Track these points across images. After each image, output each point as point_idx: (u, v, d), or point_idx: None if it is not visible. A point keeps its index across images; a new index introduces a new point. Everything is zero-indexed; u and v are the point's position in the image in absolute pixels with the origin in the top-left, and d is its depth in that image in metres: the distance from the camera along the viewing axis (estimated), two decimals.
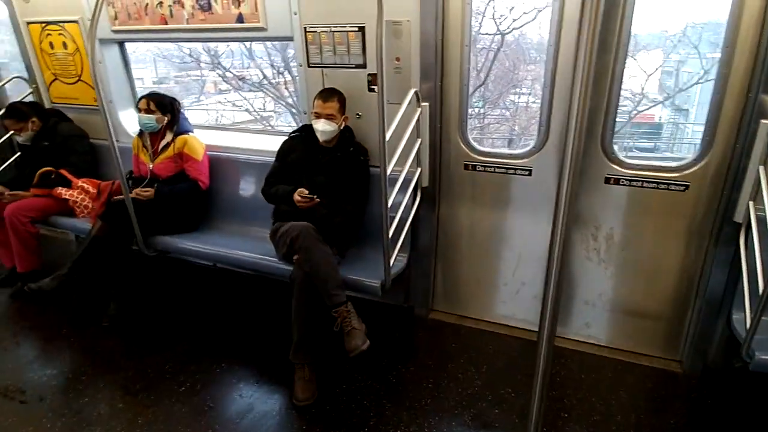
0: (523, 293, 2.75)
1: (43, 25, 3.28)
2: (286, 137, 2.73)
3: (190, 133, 2.95)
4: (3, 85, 3.64)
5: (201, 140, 2.98)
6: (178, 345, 2.65)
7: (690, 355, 2.43)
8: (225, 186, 3.13)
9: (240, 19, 2.71)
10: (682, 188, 2.26)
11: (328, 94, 2.51)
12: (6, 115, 3.15)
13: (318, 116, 2.49)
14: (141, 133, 2.97)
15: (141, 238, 2.74)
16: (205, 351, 2.61)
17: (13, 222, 3.02)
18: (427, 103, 2.45)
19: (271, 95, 9.06)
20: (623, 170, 2.34)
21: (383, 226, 2.14)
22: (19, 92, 3.62)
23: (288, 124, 9.55)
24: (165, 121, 2.88)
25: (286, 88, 8.70)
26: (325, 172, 2.57)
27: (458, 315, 2.94)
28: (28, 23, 3.33)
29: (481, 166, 2.59)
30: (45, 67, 3.46)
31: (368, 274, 2.41)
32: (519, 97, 9.36)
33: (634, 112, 8.02)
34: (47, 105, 3.57)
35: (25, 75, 3.59)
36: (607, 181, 2.37)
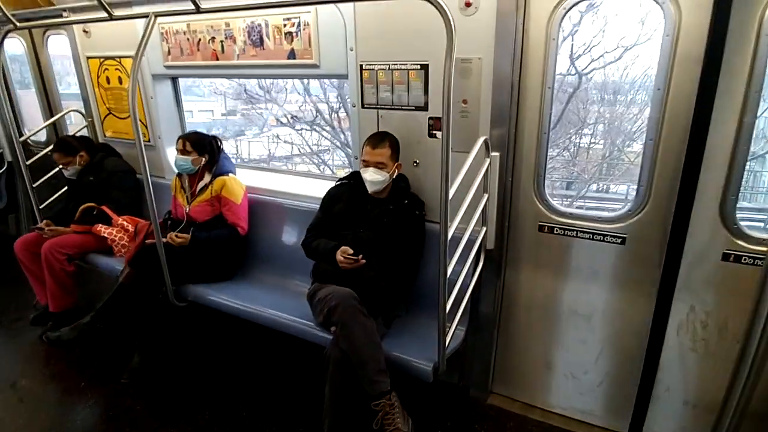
0: (607, 387, 2.23)
1: (102, 59, 3.26)
2: (333, 184, 2.44)
3: (230, 175, 2.73)
4: (59, 117, 3.66)
5: (241, 182, 2.76)
6: (198, 414, 2.33)
7: None
8: (266, 233, 2.87)
9: (292, 55, 2.51)
10: None
11: (378, 139, 2.21)
12: (55, 148, 3.08)
13: (366, 164, 2.20)
14: (180, 173, 2.79)
15: (171, 287, 2.50)
16: (228, 426, 2.27)
17: (49, 259, 2.88)
18: (497, 153, 2.08)
19: (325, 134, 9.03)
20: (747, 245, 1.84)
21: (440, 298, 1.79)
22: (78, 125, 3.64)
23: (342, 158, 9.51)
24: (202, 162, 2.68)
25: (340, 126, 8.64)
26: (373, 227, 2.24)
27: (522, 402, 2.45)
28: (89, 58, 3.32)
29: (560, 228, 2.16)
30: (101, 102, 3.43)
31: (418, 352, 2.03)
32: (580, 138, 8.83)
33: None
34: (101, 139, 3.53)
35: (82, 109, 3.58)
36: (726, 257, 1.88)
